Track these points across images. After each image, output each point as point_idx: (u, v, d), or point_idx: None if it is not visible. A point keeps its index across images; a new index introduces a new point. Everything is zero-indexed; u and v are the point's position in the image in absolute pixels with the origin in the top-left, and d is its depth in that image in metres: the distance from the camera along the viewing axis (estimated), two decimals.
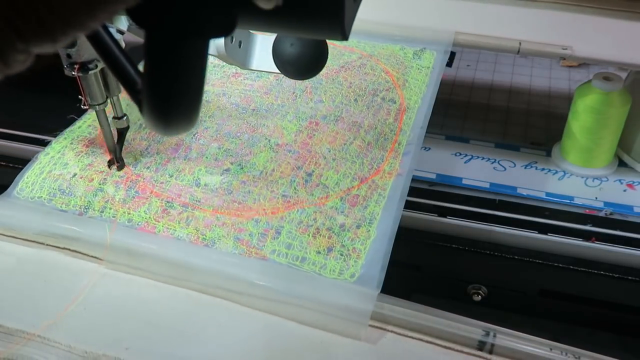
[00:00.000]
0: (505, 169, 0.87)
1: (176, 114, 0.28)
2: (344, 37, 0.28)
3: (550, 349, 0.53)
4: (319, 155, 0.67)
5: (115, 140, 0.69)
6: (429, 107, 0.73)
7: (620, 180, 0.84)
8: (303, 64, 0.52)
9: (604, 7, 0.82)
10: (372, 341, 0.55)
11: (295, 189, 0.63)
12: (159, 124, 0.28)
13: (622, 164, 0.86)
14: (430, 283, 0.84)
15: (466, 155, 0.89)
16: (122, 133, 0.70)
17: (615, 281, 0.76)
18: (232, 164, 0.68)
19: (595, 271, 0.76)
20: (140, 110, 0.29)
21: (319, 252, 0.57)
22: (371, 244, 0.58)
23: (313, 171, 0.65)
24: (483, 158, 0.89)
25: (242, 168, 0.67)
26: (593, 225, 0.79)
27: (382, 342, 0.55)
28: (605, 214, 0.80)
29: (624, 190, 0.83)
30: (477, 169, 0.87)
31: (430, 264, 0.84)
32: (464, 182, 0.85)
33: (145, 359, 0.53)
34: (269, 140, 0.70)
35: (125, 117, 0.69)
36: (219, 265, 0.58)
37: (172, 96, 0.27)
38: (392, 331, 0.56)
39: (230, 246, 0.58)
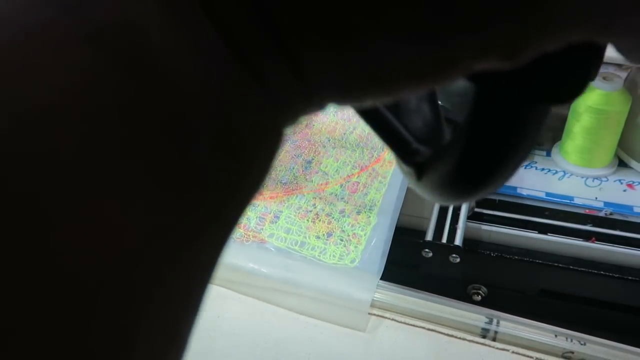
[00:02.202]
0: None
1: (488, 185, 0.23)
2: None
3: (556, 335, 0.52)
4: (318, 144, 0.66)
5: None
6: None
7: (620, 180, 0.83)
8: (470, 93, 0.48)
9: None
10: (373, 330, 0.54)
11: (294, 175, 0.62)
12: (457, 194, 0.24)
13: (622, 164, 0.86)
14: (430, 283, 0.83)
15: None
16: None
17: (615, 281, 0.75)
18: None
19: (595, 271, 0.76)
20: (419, 175, 0.24)
21: (319, 237, 0.56)
22: (372, 230, 0.57)
23: (312, 159, 0.64)
24: None
25: None
26: (593, 225, 0.78)
27: (383, 330, 0.53)
28: (605, 214, 0.80)
29: (624, 190, 0.82)
30: None
31: (430, 264, 0.83)
32: None
33: None
34: None
35: None
36: None
37: (495, 167, 0.22)
38: (393, 319, 0.54)
39: None
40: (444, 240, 0.61)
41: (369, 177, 0.62)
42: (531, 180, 0.84)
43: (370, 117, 0.26)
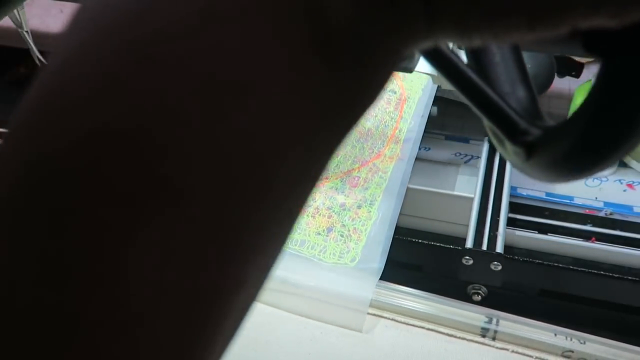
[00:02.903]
0: None
1: (606, 162, 0.22)
2: None
3: (555, 334, 0.51)
4: None
5: None
6: (430, 98, 0.72)
7: (620, 180, 0.83)
8: (537, 83, 0.47)
9: None
10: (373, 329, 0.53)
11: None
12: (573, 171, 0.23)
13: (622, 164, 0.85)
14: (430, 283, 0.82)
15: (466, 155, 0.88)
16: None
17: (615, 281, 0.75)
18: None
19: (595, 271, 0.75)
20: (528, 155, 0.24)
21: (319, 233, 0.55)
22: (372, 225, 0.56)
23: None
24: None
25: None
26: (593, 225, 0.78)
27: (383, 330, 0.53)
28: (605, 214, 0.79)
29: (624, 190, 0.82)
30: None
31: (430, 264, 0.82)
32: None
33: None
34: None
35: None
36: None
37: (618, 142, 0.21)
38: (393, 319, 0.54)
39: None
40: (484, 247, 0.60)
41: (370, 172, 0.61)
42: (531, 180, 0.84)
43: (479, 99, 0.26)
